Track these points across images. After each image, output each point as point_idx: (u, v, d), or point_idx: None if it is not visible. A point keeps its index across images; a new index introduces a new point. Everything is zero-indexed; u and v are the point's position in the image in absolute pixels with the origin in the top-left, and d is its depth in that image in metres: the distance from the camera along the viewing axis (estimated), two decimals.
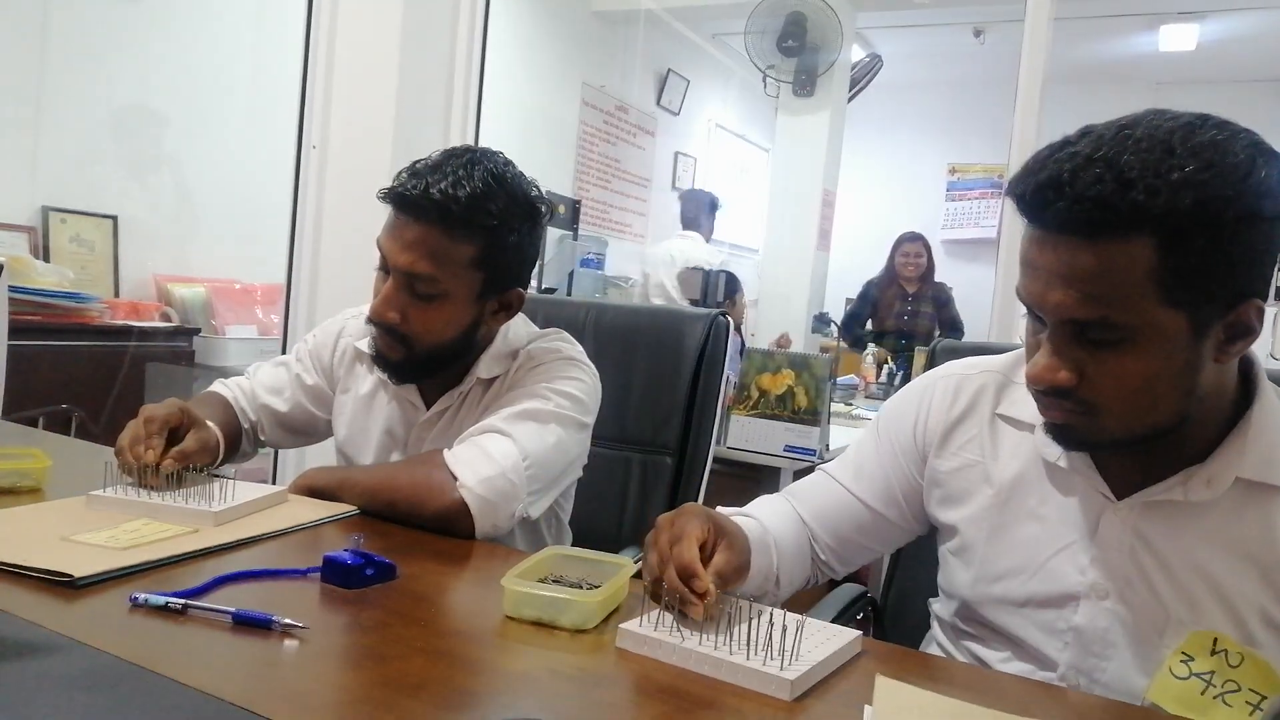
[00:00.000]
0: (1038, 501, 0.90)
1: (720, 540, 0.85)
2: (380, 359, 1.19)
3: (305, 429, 1.37)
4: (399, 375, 1.21)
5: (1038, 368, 0.78)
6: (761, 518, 1.01)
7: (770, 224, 5.24)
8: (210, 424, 1.19)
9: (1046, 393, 0.79)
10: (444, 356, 1.18)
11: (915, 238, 4.65)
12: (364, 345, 1.25)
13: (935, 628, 1.03)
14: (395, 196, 1.12)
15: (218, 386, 1.36)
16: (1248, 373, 0.84)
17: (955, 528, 0.96)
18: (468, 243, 1.11)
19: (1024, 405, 0.91)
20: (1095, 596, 0.85)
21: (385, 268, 1.14)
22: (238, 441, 1.32)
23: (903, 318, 4.49)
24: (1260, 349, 0.84)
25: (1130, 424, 0.78)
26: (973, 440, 0.95)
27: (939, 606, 1.02)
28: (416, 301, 1.12)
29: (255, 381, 1.36)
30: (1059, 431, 0.83)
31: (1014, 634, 0.90)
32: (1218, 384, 0.80)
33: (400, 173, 1.14)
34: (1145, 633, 0.83)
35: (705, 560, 0.82)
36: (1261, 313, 0.75)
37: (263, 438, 1.36)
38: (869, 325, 4.67)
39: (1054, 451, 0.88)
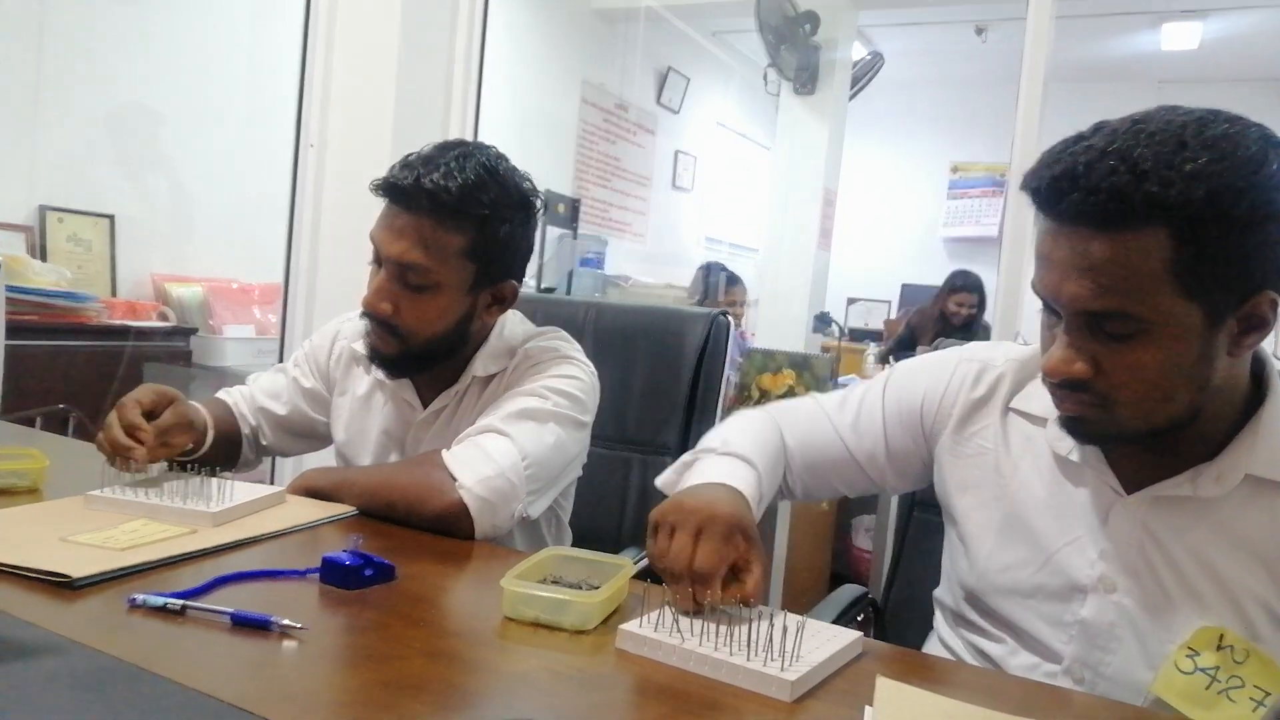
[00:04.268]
0: (1048, 494, 0.90)
1: (753, 558, 0.84)
2: (374, 354, 1.19)
3: (305, 432, 1.37)
4: (393, 370, 1.21)
5: (1053, 360, 0.78)
6: (758, 464, 0.98)
7: (771, 223, 5.23)
8: (194, 404, 1.20)
9: (1062, 385, 0.79)
10: (438, 350, 1.18)
11: (969, 285, 4.28)
12: (360, 346, 1.25)
13: (938, 617, 1.03)
14: (387, 186, 1.13)
15: (220, 394, 1.37)
16: (1259, 372, 0.84)
17: (965, 515, 0.96)
18: (459, 233, 1.12)
19: (1037, 399, 0.91)
20: (1103, 590, 0.85)
21: (378, 260, 1.15)
22: (238, 446, 1.33)
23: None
24: (1268, 347, 0.84)
25: (1145, 416, 0.79)
26: (987, 429, 0.96)
27: (943, 594, 1.02)
28: (408, 292, 1.13)
29: (255, 387, 1.37)
30: (1074, 425, 0.83)
31: (1019, 625, 0.90)
32: (1230, 379, 0.80)
33: (394, 165, 1.14)
34: (1151, 627, 0.83)
35: (729, 576, 0.82)
36: (1275, 305, 0.75)
37: (264, 442, 1.36)
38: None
39: (1065, 445, 0.88)
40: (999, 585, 0.92)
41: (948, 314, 4.29)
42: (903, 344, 4.49)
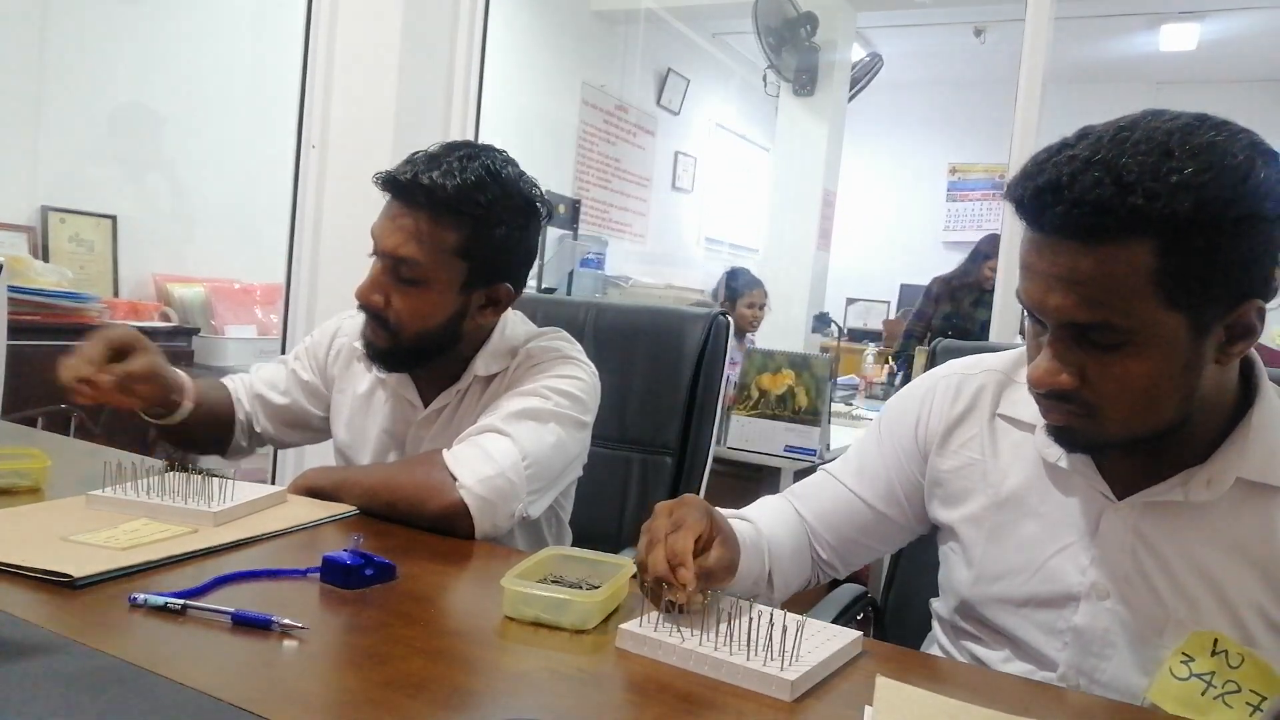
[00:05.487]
0: (1038, 501, 0.90)
1: (715, 536, 0.85)
2: (367, 346, 1.20)
3: (299, 423, 1.38)
4: (385, 363, 1.22)
5: (1039, 370, 0.78)
6: (756, 520, 1.01)
7: (770, 224, 5.25)
8: (177, 370, 1.21)
9: (1048, 395, 0.79)
10: (428, 346, 1.19)
11: None
12: (360, 343, 1.26)
13: (936, 627, 1.03)
14: (388, 180, 1.14)
15: (223, 379, 1.39)
16: (1248, 374, 0.84)
17: (955, 527, 0.96)
18: (453, 229, 1.13)
19: (1024, 405, 0.91)
20: (1095, 596, 0.85)
21: (378, 253, 1.16)
22: (229, 429, 1.33)
23: (951, 319, 4.31)
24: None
25: (1132, 425, 0.78)
26: (973, 440, 0.95)
27: (939, 605, 1.02)
28: (400, 285, 1.14)
29: (255, 376, 1.38)
30: (1061, 434, 0.83)
31: (1014, 634, 0.90)
32: (1218, 385, 0.80)
33: (400, 162, 1.15)
34: (1145, 633, 0.83)
35: (698, 554, 0.82)
36: (1263, 313, 0.75)
37: (258, 429, 1.36)
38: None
39: (1054, 452, 0.88)
40: (992, 595, 0.92)
41: (982, 280, 4.28)
42: (923, 315, 4.48)
